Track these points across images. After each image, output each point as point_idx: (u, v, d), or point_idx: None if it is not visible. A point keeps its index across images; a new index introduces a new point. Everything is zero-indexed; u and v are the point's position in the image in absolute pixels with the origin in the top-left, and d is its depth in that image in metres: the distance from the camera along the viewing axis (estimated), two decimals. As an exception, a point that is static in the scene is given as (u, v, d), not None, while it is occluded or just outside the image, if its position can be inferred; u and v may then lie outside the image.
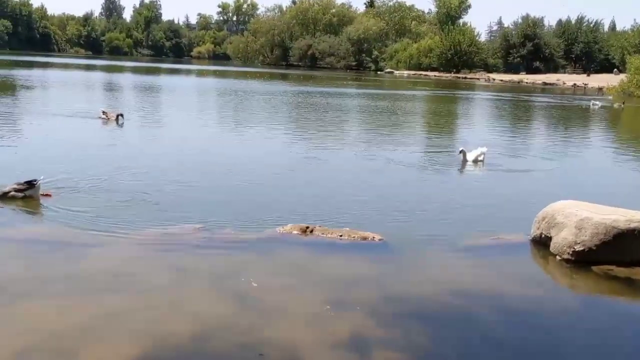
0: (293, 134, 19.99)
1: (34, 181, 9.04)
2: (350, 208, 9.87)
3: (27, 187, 9.01)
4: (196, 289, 6.27)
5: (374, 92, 48.85)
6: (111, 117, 18.88)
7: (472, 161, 14.15)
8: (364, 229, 8.24)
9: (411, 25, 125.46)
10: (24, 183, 9.02)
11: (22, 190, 8.99)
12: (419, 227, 8.95)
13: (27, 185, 9.01)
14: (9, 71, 48.67)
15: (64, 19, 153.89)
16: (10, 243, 7.16)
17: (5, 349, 4.80)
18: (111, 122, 18.67)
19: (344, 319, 5.73)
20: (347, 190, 11.31)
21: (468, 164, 14.12)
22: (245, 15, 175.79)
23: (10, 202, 8.86)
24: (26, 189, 9.01)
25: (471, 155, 14.19)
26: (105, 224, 8.07)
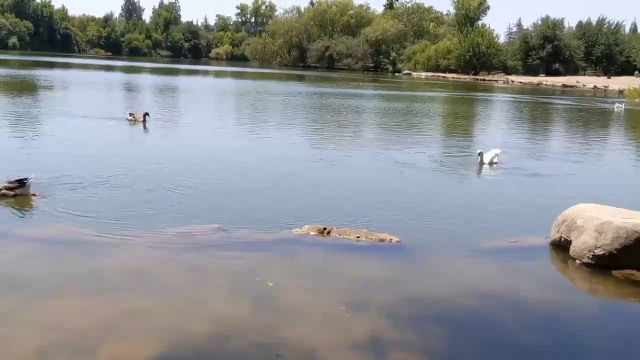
0: (310, 135, 20.01)
1: (25, 180, 9.18)
2: (368, 209, 9.85)
3: (18, 186, 9.15)
4: (214, 289, 6.30)
5: (391, 93, 48.75)
6: (138, 118, 18.88)
7: (487, 163, 14.09)
8: (381, 231, 8.22)
9: (429, 26, 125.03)
10: (15, 181, 9.16)
11: (13, 188, 9.12)
12: (436, 229, 8.91)
13: (18, 183, 9.15)
14: (32, 71, 49.31)
15: (84, 20, 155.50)
16: (31, 242, 7.24)
17: (26, 346, 4.86)
18: (138, 123, 18.67)
19: (362, 320, 5.72)
20: (364, 192, 11.29)
21: (484, 166, 14.03)
22: (263, 16, 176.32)
23: (1, 199, 8.99)
24: (17, 187, 9.14)
25: (486, 157, 14.13)
26: (124, 223, 8.16)
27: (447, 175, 13.49)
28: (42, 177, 10.37)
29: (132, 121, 18.92)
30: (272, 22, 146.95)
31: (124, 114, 20.02)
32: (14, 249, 7.01)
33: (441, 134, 23.52)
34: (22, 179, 9.17)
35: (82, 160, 12.27)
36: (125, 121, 19.11)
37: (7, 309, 5.49)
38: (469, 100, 46.86)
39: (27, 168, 11.08)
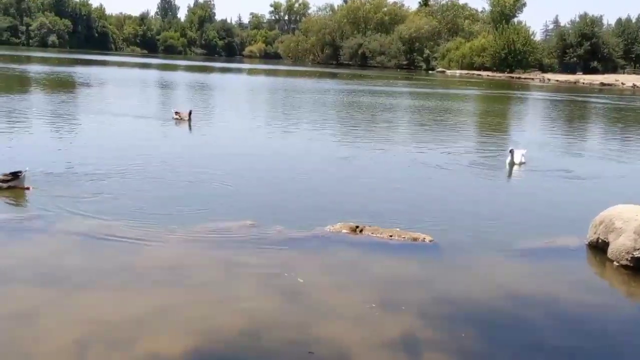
0: (342, 132, 20.00)
1: (19, 172, 9.39)
2: (400, 208, 9.82)
3: (12, 178, 9.36)
4: (246, 285, 6.34)
5: (424, 91, 48.39)
6: (183, 116, 18.94)
7: (518, 163, 13.87)
8: (414, 230, 8.18)
9: (464, 24, 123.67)
10: (9, 174, 9.37)
11: (7, 180, 9.34)
12: (470, 229, 8.82)
13: (12, 176, 9.36)
14: (74, 69, 50.31)
15: (121, 19, 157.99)
16: (68, 236, 7.40)
17: (64, 338, 4.97)
18: (183, 121, 18.72)
19: (394, 319, 5.71)
20: (396, 190, 11.24)
21: (514, 167, 13.79)
22: (297, 14, 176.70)
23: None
24: (11, 179, 9.35)
25: (516, 157, 13.91)
26: (159, 218, 8.29)
27: (480, 175, 13.32)
28: (80, 171, 10.63)
29: (178, 119, 18.97)
30: (305, 20, 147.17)
31: (170, 112, 20.16)
32: (52, 243, 7.17)
33: (474, 133, 23.27)
34: (16, 172, 9.39)
35: (121, 156, 12.49)
36: (172, 120, 19.21)
37: (46, 302, 5.62)
38: (504, 99, 46.22)
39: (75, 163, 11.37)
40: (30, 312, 5.39)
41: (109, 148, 13.66)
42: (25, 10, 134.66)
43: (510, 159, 13.86)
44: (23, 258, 6.64)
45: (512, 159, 13.85)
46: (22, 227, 7.59)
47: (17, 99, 24.54)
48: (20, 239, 7.22)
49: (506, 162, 13.90)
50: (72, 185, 10.00)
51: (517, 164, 13.84)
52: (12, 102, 23.13)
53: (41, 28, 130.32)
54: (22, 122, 17.48)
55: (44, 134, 15.93)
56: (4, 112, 19.13)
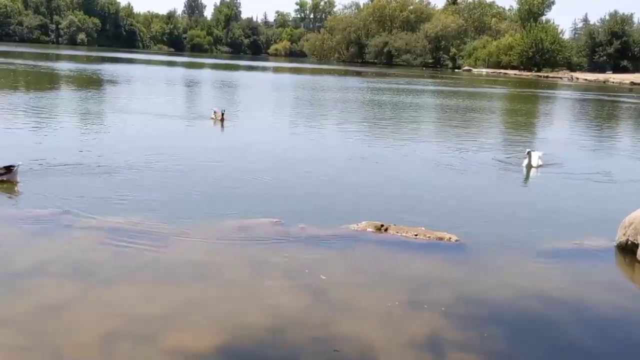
0: (368, 131, 19.96)
1: (12, 166, 9.55)
2: (425, 207, 9.80)
3: (5, 172, 9.51)
4: (272, 282, 6.38)
5: (450, 89, 48.06)
6: (217, 116, 18.86)
7: (535, 166, 13.45)
8: (439, 229, 8.14)
9: (491, 22, 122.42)
10: (3, 168, 9.53)
11: (1, 174, 9.48)
12: (496, 229, 8.76)
13: (5, 169, 9.52)
14: (110, 67, 51.00)
15: (148, 17, 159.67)
16: (97, 232, 7.51)
17: (92, 331, 5.06)
18: (218, 121, 18.64)
19: (419, 318, 5.69)
20: (420, 190, 11.22)
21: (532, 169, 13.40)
22: (322, 12, 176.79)
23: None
24: (4, 173, 9.51)
25: (534, 160, 13.49)
26: (185, 214, 8.39)
27: (504, 175, 13.19)
28: (111, 168, 10.81)
29: (214, 119, 18.92)
30: (331, 18, 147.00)
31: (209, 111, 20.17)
32: (82, 238, 7.29)
33: (500, 132, 23.06)
34: (10, 166, 9.55)
35: (151, 154, 12.63)
36: (209, 119, 19.17)
37: (76, 296, 5.72)
38: (530, 98, 45.69)
39: (105, 159, 11.55)
40: (60, 306, 5.49)
41: (139, 145, 13.83)
42: (55, 8, 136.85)
43: (527, 161, 13.48)
44: (53, 253, 6.76)
45: (530, 161, 13.46)
46: (53, 222, 7.72)
47: (47, 96, 24.96)
48: (50, 234, 7.35)
49: (523, 164, 13.56)
50: (102, 180, 10.19)
51: (535, 166, 13.46)
52: (41, 99, 23.54)
53: (70, 26, 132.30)
54: (51, 118, 17.78)
55: (72, 130, 16.17)
56: (33, 109, 19.48)
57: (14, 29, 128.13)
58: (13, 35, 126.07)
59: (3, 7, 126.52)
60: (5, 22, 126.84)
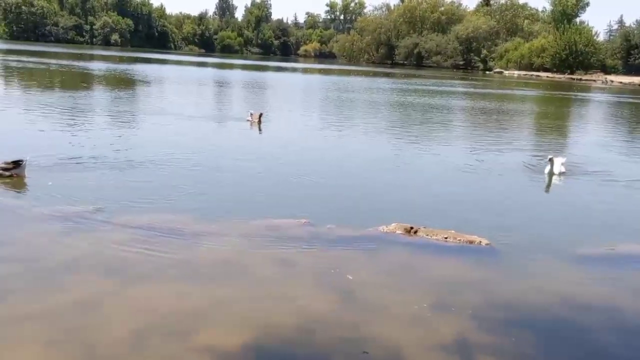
0: (397, 133, 19.88)
1: (20, 161, 9.70)
2: (454, 210, 9.72)
3: (13, 167, 9.67)
4: (301, 282, 6.40)
5: (480, 91, 47.59)
6: (254, 118, 18.60)
7: (557, 173, 12.83)
8: (469, 233, 8.06)
9: (523, 23, 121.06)
10: (11, 162, 9.67)
11: (9, 169, 9.65)
12: (526, 233, 8.64)
13: (14, 164, 9.66)
14: (149, 67, 51.71)
15: (180, 18, 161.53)
16: (129, 229, 7.61)
17: (124, 328, 5.13)
18: (255, 123, 18.37)
19: (448, 321, 5.65)
20: (450, 192, 11.13)
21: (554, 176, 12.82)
22: (353, 13, 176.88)
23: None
24: (13, 167, 9.67)
25: (556, 167, 12.88)
26: (216, 213, 8.48)
27: (534, 178, 12.96)
28: (144, 166, 10.95)
29: (250, 121, 18.64)
30: (361, 19, 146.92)
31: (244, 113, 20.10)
32: (114, 235, 7.39)
33: (530, 135, 22.74)
34: (18, 160, 9.72)
35: (185, 154, 12.78)
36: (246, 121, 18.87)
37: (108, 292, 5.81)
38: (563, 100, 45.01)
39: (139, 158, 11.72)
40: (92, 302, 5.58)
41: (173, 145, 13.93)
42: (90, 9, 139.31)
43: (549, 168, 12.91)
44: (86, 250, 6.87)
45: (552, 168, 12.88)
46: (85, 219, 7.86)
47: (79, 96, 25.40)
48: (83, 231, 7.47)
49: (545, 171, 13.00)
50: (134, 179, 10.36)
51: (557, 174, 12.85)
52: (74, 98, 23.96)
53: (104, 27, 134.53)
54: (83, 117, 18.08)
55: (105, 129, 16.41)
56: (66, 108, 19.85)
57: (49, 29, 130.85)
58: (49, 36, 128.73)
59: (40, 8, 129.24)
60: (41, 23, 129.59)
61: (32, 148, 12.00)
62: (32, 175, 10.04)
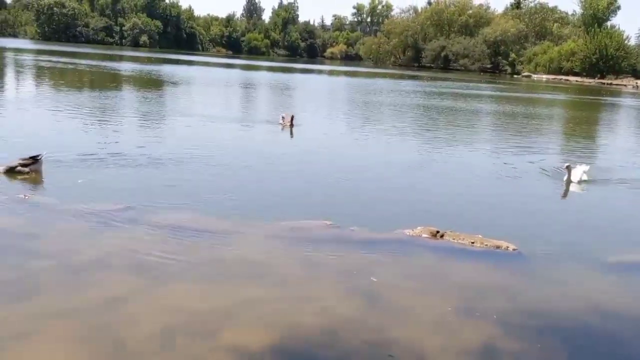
0: (423, 136, 19.80)
1: (38, 156, 9.82)
2: (480, 215, 9.67)
3: (31, 162, 9.80)
4: (326, 284, 6.41)
5: (508, 95, 47.12)
6: (287, 121, 18.37)
7: (576, 181, 12.33)
8: (496, 237, 7.99)
9: (553, 27, 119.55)
10: (29, 158, 9.81)
11: (27, 165, 9.79)
12: (554, 240, 8.55)
13: (32, 160, 9.79)
14: (176, 68, 52.29)
15: (208, 20, 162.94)
16: (158, 228, 7.71)
17: (151, 326, 5.20)
18: (287, 126, 18.13)
19: (474, 327, 5.61)
20: (476, 197, 11.06)
21: (572, 184, 12.30)
22: (380, 16, 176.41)
23: (17, 175, 9.74)
24: (31, 163, 9.80)
25: (575, 175, 12.41)
26: (243, 213, 8.56)
27: (562, 184, 12.77)
28: (172, 166, 11.08)
29: (282, 124, 18.41)
30: (388, 22, 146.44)
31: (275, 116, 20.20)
32: (143, 233, 7.49)
33: (558, 140, 22.46)
34: (35, 156, 9.86)
35: (213, 155, 12.85)
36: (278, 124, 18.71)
37: (137, 290, 5.89)
38: (593, 105, 44.36)
39: (167, 158, 11.87)
40: (122, 299, 5.66)
41: (201, 145, 14.04)
42: (120, 11, 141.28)
43: (567, 176, 12.39)
44: (116, 247, 6.97)
45: (569, 176, 12.35)
46: (116, 217, 7.97)
47: (109, 96, 25.76)
48: (113, 228, 7.58)
49: (564, 179, 12.47)
50: (164, 178, 10.51)
51: (575, 182, 12.34)
52: (103, 98, 24.32)
53: (134, 28, 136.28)
54: (112, 117, 18.35)
55: (136, 129, 16.64)
56: (95, 107, 20.17)
57: (80, 30, 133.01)
58: (80, 37, 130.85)
59: (71, 9, 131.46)
60: (72, 24, 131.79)
61: (60, 146, 12.26)
62: (62, 173, 10.25)
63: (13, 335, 4.90)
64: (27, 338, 4.87)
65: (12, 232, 7.26)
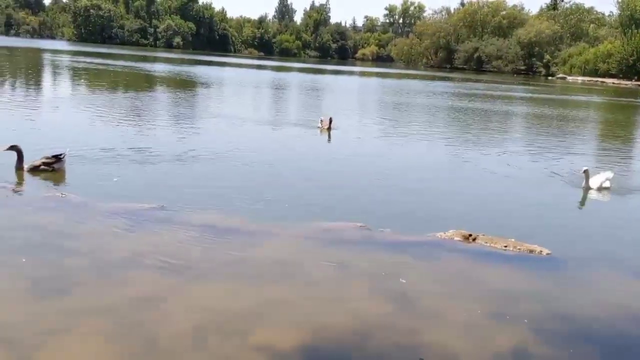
0: (454, 138, 19.64)
1: (61, 155, 10.02)
2: (512, 218, 9.54)
3: (55, 161, 10.01)
4: (356, 285, 6.39)
5: (542, 97, 46.43)
6: (325, 124, 18.16)
7: (595, 188, 11.75)
8: (529, 241, 7.88)
9: (589, 28, 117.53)
10: (52, 157, 10.02)
11: (50, 163, 9.99)
12: (588, 244, 8.42)
13: (55, 158, 10.00)
14: (220, 70, 52.83)
15: (241, 22, 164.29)
16: (190, 227, 7.78)
17: (184, 324, 5.25)
18: (325, 130, 17.93)
19: (506, 331, 5.54)
20: (508, 200, 10.94)
21: (590, 191, 11.74)
22: (412, 17, 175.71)
23: (40, 173, 9.96)
24: (54, 162, 10.01)
25: (595, 182, 11.80)
26: (274, 214, 8.62)
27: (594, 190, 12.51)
28: (204, 166, 11.18)
29: (321, 128, 18.24)
30: (420, 23, 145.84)
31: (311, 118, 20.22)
32: (175, 233, 7.57)
33: (592, 143, 22.02)
34: (59, 155, 10.08)
35: (246, 156, 12.95)
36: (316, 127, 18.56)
37: (169, 289, 5.95)
38: (629, 108, 43.44)
39: (201, 158, 11.99)
40: (153, 297, 5.72)
41: (236, 146, 14.13)
42: (154, 13, 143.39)
43: (584, 182, 11.77)
44: (149, 245, 7.06)
45: (587, 183, 11.73)
46: (148, 216, 8.08)
47: (143, 96, 26.14)
48: (146, 227, 7.69)
49: (582, 184, 11.88)
50: (197, 178, 10.65)
51: (593, 188, 11.74)
52: (137, 99, 24.68)
53: (167, 30, 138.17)
54: (146, 117, 18.61)
55: (170, 129, 16.85)
56: (129, 108, 20.48)
57: (115, 32, 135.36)
58: (115, 38, 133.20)
59: (107, 11, 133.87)
60: (108, 26, 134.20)
61: (95, 145, 12.49)
62: (98, 171, 10.45)
63: (49, 330, 4.99)
64: (62, 334, 4.96)
65: (48, 230, 7.40)
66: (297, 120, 21.21)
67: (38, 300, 5.53)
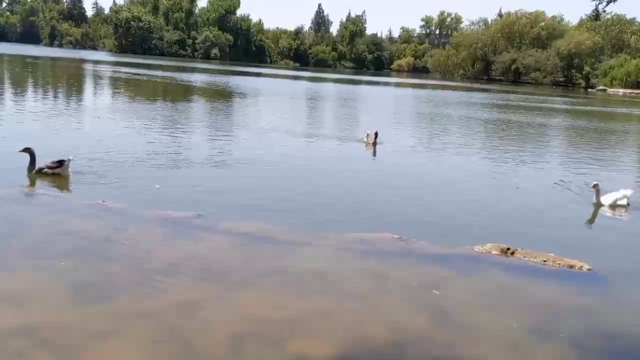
0: (492, 151, 19.43)
1: (64, 160, 10.43)
2: (551, 233, 9.38)
3: (57, 166, 10.43)
4: (393, 297, 6.37)
5: (581, 109, 45.59)
6: (370, 139, 17.81)
7: (608, 205, 11.32)
8: (570, 256, 7.74)
9: (630, 39, 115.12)
10: (56, 162, 10.44)
11: (53, 168, 10.43)
12: (629, 261, 8.23)
13: (58, 163, 10.42)
14: (255, 81, 53.49)
15: (277, 33, 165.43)
16: (228, 236, 7.88)
17: (221, 331, 5.31)
18: (370, 145, 17.66)
19: (545, 347, 5.45)
20: (547, 215, 10.76)
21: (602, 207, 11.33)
22: (448, 28, 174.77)
23: (44, 177, 10.38)
24: (57, 167, 10.43)
25: (607, 199, 11.39)
26: (311, 224, 8.71)
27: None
28: (248, 176, 11.30)
29: (367, 142, 17.98)
30: (457, 34, 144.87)
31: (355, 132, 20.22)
32: (215, 241, 7.68)
33: (633, 157, 21.50)
34: (62, 160, 10.48)
35: (287, 168, 13.17)
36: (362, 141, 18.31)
37: (207, 296, 6.03)
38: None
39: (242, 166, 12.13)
40: (192, 305, 5.80)
41: (278, 159, 14.29)
42: (193, 24, 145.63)
43: (595, 197, 11.45)
44: (187, 254, 7.16)
45: (597, 199, 11.39)
46: (187, 224, 8.21)
47: (182, 107, 26.56)
48: (185, 236, 7.80)
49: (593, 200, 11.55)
50: (235, 188, 10.82)
51: (605, 205, 11.33)
52: (176, 109, 25.08)
53: (205, 41, 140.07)
54: (184, 126, 18.90)
55: (209, 139, 17.09)
56: (167, 117, 20.82)
57: (155, 43, 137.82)
58: (154, 49, 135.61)
59: (147, 23, 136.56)
60: (148, 37, 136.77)
61: (138, 154, 12.73)
62: (139, 179, 10.68)
63: (91, 334, 5.10)
64: (104, 338, 5.07)
65: (91, 236, 7.57)
66: (338, 134, 21.08)
67: (81, 305, 5.66)
